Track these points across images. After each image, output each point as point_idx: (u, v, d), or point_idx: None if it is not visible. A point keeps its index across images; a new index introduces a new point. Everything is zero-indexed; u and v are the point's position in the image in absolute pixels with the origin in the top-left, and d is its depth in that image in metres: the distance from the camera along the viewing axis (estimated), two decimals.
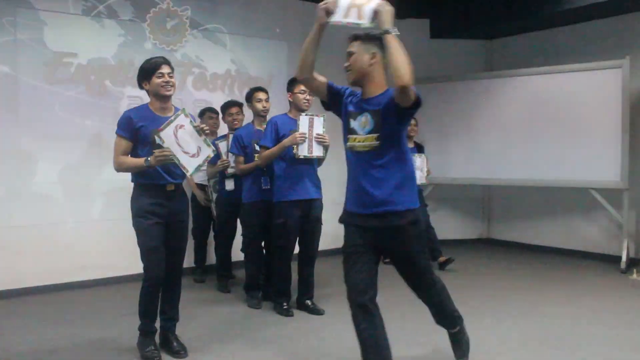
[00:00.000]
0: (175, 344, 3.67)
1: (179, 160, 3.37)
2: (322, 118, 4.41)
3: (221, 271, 5.45)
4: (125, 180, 3.68)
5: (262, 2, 6.60)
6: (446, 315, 3.26)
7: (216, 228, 5.59)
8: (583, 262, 6.64)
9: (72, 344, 3.88)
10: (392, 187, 2.88)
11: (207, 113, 5.69)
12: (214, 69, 6.25)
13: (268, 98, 4.92)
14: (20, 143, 5.11)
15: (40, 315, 4.47)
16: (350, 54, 3.04)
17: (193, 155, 3.42)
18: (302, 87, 4.40)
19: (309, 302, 4.64)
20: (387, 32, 2.78)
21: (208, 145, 3.47)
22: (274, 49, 6.70)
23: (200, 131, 3.44)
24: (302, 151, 4.38)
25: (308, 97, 4.48)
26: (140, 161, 3.41)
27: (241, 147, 4.76)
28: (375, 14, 2.83)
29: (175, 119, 3.39)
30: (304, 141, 4.36)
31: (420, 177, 6.32)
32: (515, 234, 7.74)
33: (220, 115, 5.68)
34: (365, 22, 2.91)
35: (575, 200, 6.95)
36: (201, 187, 5.59)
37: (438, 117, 7.43)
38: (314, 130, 4.40)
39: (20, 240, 5.08)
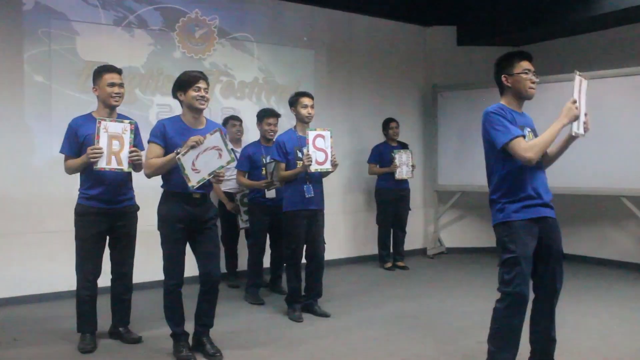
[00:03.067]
0: (209, 346, 3.74)
1: (184, 169, 3.46)
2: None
3: (252, 281, 5.28)
4: (156, 188, 3.77)
5: (290, 11, 6.66)
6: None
7: (250, 239, 5.45)
8: (614, 271, 6.53)
9: (107, 348, 3.95)
10: None
11: (230, 121, 5.74)
12: (241, 77, 6.32)
13: (313, 104, 4.80)
14: (52, 149, 5.20)
15: (68, 319, 4.54)
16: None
17: (192, 165, 3.50)
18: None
19: None
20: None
21: (199, 182, 3.51)
22: (301, 57, 6.75)
23: (214, 174, 3.55)
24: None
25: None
26: (170, 155, 3.51)
27: (283, 153, 4.67)
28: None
29: (227, 149, 3.53)
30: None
31: (406, 172, 6.46)
32: None
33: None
34: (124, 167, 3.73)
35: (606, 208, 6.83)
36: (229, 195, 5.61)
37: (465, 125, 7.38)
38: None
39: (53, 244, 5.19)
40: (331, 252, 6.79)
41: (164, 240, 3.66)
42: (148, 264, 4.72)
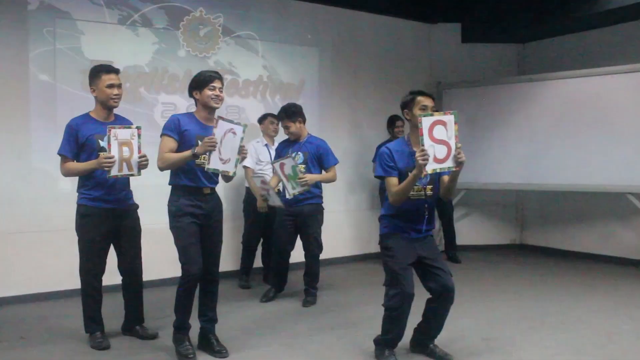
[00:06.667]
0: (215, 343, 3.77)
1: (210, 153, 3.53)
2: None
3: (273, 285, 5.26)
4: (163, 186, 3.81)
5: (294, 9, 6.65)
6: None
7: (271, 237, 5.41)
8: (620, 268, 6.50)
9: (118, 346, 3.96)
10: None
11: (268, 118, 5.67)
12: (246, 76, 6.32)
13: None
14: (57, 148, 5.18)
15: (75, 318, 4.56)
16: None
17: (220, 160, 3.58)
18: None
19: None
20: None
21: (236, 165, 3.64)
22: (305, 55, 6.75)
23: (240, 150, 3.60)
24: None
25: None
26: (186, 153, 3.56)
27: (390, 167, 3.52)
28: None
29: (235, 124, 3.58)
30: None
31: None
32: (549, 240, 7.63)
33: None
34: (135, 173, 3.76)
35: (611, 205, 6.81)
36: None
37: (470, 122, 7.37)
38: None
39: (59, 242, 5.20)
40: (335, 250, 6.86)
41: (177, 235, 3.67)
42: (152, 262, 4.73)
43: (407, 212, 3.53)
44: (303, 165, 4.89)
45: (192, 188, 3.67)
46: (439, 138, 3.35)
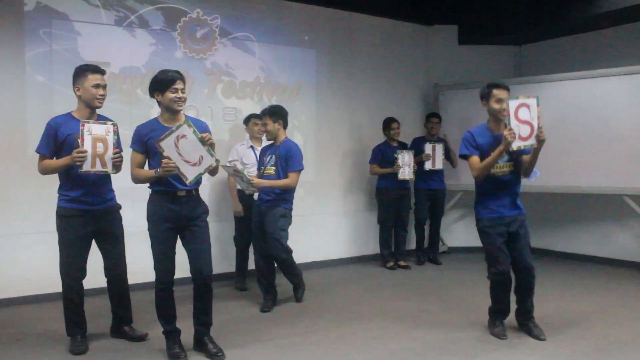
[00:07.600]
0: (211, 346, 3.75)
1: (179, 169, 3.49)
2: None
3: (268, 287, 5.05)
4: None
5: (291, 10, 6.65)
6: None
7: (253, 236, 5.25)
8: (617, 270, 6.52)
9: (110, 347, 3.96)
10: None
11: (252, 119, 5.69)
12: (243, 77, 6.31)
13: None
14: None
15: None
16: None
17: (194, 164, 3.53)
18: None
19: None
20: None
21: (211, 154, 3.55)
22: (302, 57, 6.74)
23: (202, 141, 3.51)
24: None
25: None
26: (151, 173, 3.60)
27: (473, 147, 4.12)
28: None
29: (176, 129, 3.49)
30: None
31: (408, 173, 6.46)
32: (546, 242, 7.62)
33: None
34: (109, 169, 3.71)
35: (608, 207, 6.83)
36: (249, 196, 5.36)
37: (467, 124, 7.34)
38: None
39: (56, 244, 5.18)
40: (333, 251, 6.88)
41: (152, 240, 3.70)
42: (142, 263, 4.73)
43: (496, 190, 4.09)
44: (273, 167, 4.89)
45: (165, 192, 3.65)
46: (523, 119, 3.84)
